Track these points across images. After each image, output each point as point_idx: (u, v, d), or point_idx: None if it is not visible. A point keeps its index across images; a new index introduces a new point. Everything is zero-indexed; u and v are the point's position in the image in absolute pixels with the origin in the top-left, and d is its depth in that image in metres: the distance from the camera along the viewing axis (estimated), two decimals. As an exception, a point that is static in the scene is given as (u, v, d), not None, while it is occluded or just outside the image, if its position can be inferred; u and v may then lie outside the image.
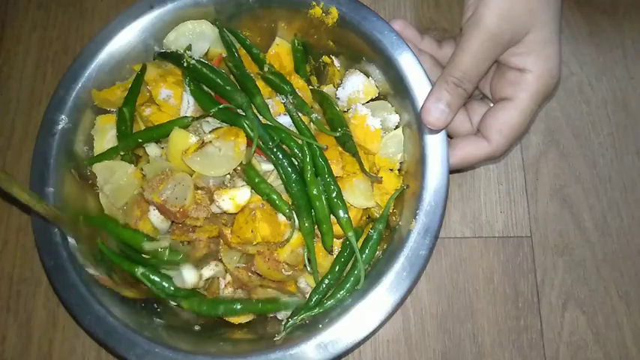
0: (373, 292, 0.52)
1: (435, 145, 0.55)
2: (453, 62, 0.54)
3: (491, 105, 0.58)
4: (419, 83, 0.56)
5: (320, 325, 0.52)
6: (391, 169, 0.60)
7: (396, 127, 0.60)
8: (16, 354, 0.65)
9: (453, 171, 0.58)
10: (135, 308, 0.56)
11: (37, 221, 0.55)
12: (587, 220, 0.69)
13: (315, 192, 0.55)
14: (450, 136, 0.56)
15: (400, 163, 0.60)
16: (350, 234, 0.55)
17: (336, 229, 0.56)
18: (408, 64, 0.56)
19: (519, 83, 0.55)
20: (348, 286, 0.55)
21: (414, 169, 0.56)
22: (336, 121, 0.58)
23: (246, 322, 0.58)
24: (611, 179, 0.70)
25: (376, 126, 0.58)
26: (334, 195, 0.55)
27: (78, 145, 0.59)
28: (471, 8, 0.53)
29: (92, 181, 0.60)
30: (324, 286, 0.56)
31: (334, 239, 0.57)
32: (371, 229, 0.57)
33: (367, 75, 0.61)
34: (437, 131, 0.54)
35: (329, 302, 0.55)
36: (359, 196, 0.57)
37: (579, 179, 0.70)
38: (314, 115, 0.58)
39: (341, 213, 0.55)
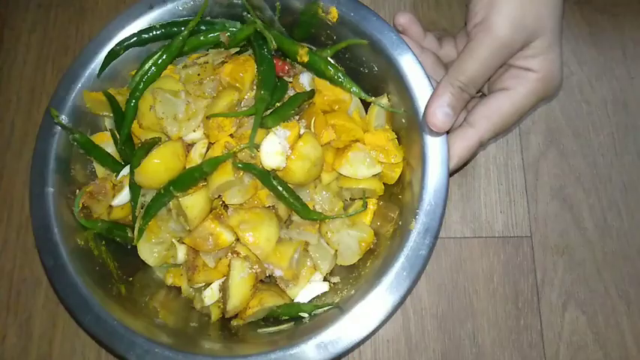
0: (373, 292, 0.52)
1: (435, 145, 0.55)
2: (460, 67, 0.53)
3: None
4: (419, 83, 0.56)
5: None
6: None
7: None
8: (16, 354, 0.65)
9: (454, 171, 0.58)
10: (135, 308, 0.56)
11: (37, 221, 0.55)
12: (587, 220, 0.69)
13: None
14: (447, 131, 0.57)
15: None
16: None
17: None
18: (408, 64, 0.56)
19: (520, 78, 0.55)
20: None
21: (415, 163, 0.57)
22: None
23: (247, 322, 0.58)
24: (611, 179, 0.70)
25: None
26: None
27: (78, 146, 0.59)
28: (480, 13, 0.53)
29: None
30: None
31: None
32: None
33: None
34: (439, 134, 0.54)
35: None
36: (360, 167, 0.58)
37: (579, 179, 0.70)
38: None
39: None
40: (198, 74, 0.59)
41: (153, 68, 0.58)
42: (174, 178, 0.55)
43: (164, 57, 0.58)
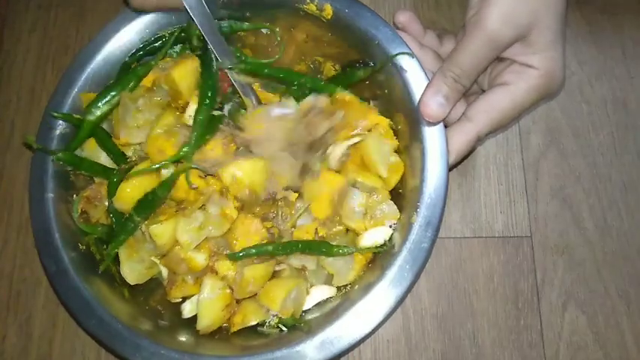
0: (377, 287, 0.52)
1: (434, 138, 0.55)
2: (453, 58, 0.54)
3: None
4: (416, 78, 0.56)
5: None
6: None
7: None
8: (16, 354, 0.65)
9: (453, 165, 0.58)
10: (139, 311, 0.56)
11: (38, 224, 0.55)
12: (587, 220, 0.69)
13: None
14: (446, 125, 0.57)
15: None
16: None
17: None
18: (404, 58, 0.56)
19: (521, 73, 0.55)
20: None
21: (414, 159, 0.57)
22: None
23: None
24: (611, 179, 0.70)
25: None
26: None
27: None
28: (474, 7, 0.54)
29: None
30: None
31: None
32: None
33: None
34: (434, 124, 0.55)
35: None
36: (381, 149, 0.58)
37: (579, 179, 0.70)
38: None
39: None
40: (154, 81, 0.58)
41: (113, 93, 0.57)
42: (135, 204, 0.55)
43: (125, 84, 0.58)
